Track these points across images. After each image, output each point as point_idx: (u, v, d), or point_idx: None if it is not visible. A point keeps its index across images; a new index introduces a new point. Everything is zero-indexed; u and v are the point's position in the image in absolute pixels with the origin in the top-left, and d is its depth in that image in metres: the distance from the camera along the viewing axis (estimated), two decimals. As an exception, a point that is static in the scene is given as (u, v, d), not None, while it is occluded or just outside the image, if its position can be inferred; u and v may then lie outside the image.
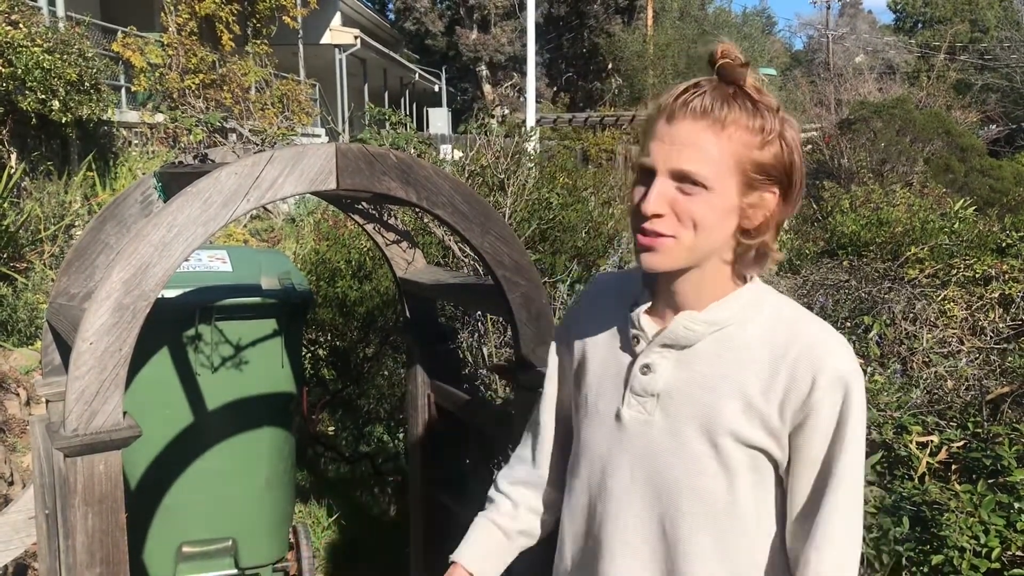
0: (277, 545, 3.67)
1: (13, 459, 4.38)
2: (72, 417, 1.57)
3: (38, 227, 7.36)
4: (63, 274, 2.27)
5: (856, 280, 4.55)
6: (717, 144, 1.21)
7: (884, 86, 25.05)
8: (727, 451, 1.27)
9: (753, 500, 1.30)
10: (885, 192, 8.80)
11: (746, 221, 1.25)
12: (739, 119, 1.21)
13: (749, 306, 1.30)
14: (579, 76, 37.06)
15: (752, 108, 1.22)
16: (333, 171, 1.79)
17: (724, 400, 1.27)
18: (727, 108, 1.21)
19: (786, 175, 1.25)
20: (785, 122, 1.24)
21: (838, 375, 1.24)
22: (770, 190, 1.25)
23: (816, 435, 1.25)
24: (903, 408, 2.66)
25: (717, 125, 1.21)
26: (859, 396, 1.25)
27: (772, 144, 1.23)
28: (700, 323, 1.29)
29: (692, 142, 1.21)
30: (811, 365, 1.24)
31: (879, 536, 2.19)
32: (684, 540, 1.31)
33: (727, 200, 1.22)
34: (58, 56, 8.56)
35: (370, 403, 5.15)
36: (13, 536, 2.50)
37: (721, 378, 1.28)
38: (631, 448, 1.34)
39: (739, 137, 1.21)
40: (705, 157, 1.20)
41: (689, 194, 1.22)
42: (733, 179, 1.22)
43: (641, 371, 1.33)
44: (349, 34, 21.80)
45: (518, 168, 4.67)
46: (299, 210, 11.27)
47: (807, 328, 1.29)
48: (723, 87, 1.23)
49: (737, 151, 1.21)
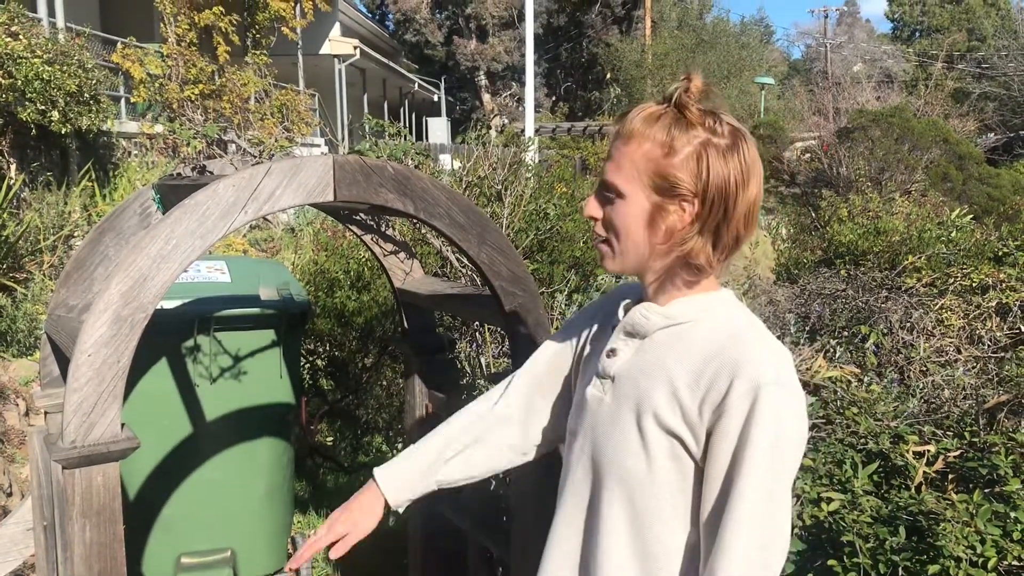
0: (276, 556, 3.67)
1: (12, 470, 4.37)
2: (70, 429, 1.58)
3: (37, 237, 7.37)
4: (62, 285, 2.27)
5: (853, 289, 4.57)
6: (627, 155, 1.35)
7: (882, 95, 25.12)
8: (649, 434, 1.35)
9: (669, 489, 1.35)
10: (884, 201, 8.82)
11: (664, 228, 1.35)
12: (647, 132, 1.33)
13: (707, 310, 1.39)
14: (578, 85, 37.15)
15: (671, 124, 1.32)
16: (330, 183, 1.80)
17: (656, 386, 1.36)
18: (643, 124, 1.34)
19: (700, 186, 1.32)
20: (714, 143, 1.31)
21: (752, 384, 1.27)
22: (685, 200, 1.33)
23: (724, 440, 1.28)
24: (900, 417, 2.67)
25: (629, 139, 1.34)
26: (771, 409, 1.26)
27: (681, 155, 1.31)
28: (656, 313, 1.40)
29: (613, 156, 1.37)
30: (732, 369, 1.29)
31: (875, 546, 2.19)
32: (604, 514, 1.41)
33: (637, 206, 1.35)
34: (58, 67, 8.58)
35: (369, 413, 5.15)
36: (11, 548, 2.50)
37: (659, 366, 1.37)
38: (585, 424, 1.47)
39: (644, 148, 1.33)
40: (616, 167, 1.36)
41: (611, 203, 1.38)
42: (641, 186, 1.34)
43: (607, 355, 1.46)
44: (348, 44, 21.85)
45: (515, 178, 4.68)
46: (298, 220, 11.28)
47: (745, 336, 1.35)
48: (654, 107, 1.36)
49: (639, 161, 1.33)
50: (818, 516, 2.33)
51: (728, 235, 1.35)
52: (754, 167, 1.35)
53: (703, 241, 1.34)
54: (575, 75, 37.33)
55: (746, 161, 1.33)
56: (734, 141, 1.33)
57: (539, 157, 15.56)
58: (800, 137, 20.86)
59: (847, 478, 2.40)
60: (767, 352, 1.32)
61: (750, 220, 1.36)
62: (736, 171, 1.32)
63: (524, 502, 2.14)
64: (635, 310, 1.43)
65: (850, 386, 2.91)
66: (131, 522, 2.51)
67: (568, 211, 5.24)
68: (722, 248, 1.36)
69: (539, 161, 8.56)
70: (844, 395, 2.80)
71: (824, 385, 2.90)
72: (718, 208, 1.32)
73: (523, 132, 14.37)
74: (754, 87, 30.54)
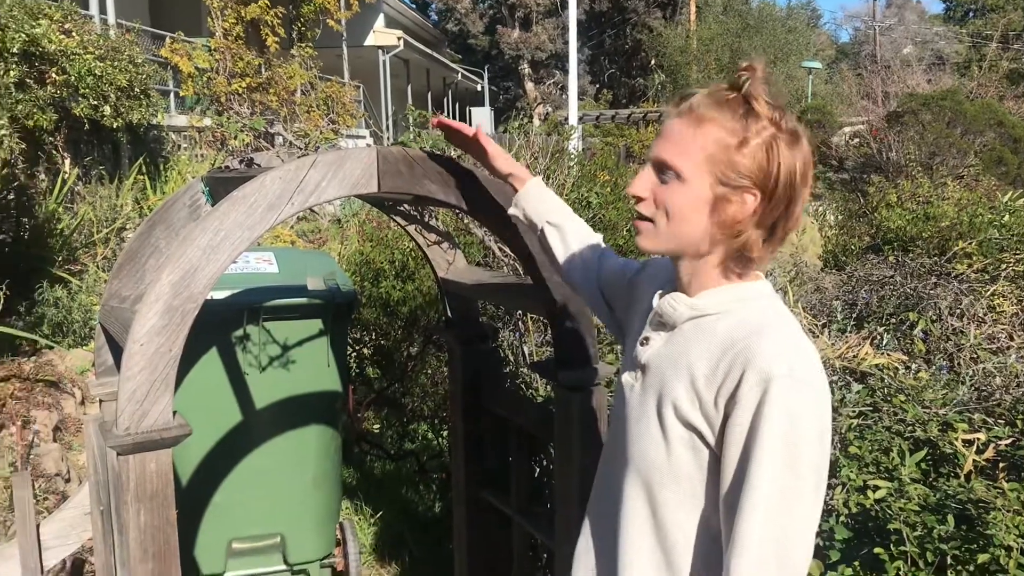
0: (324, 541, 3.73)
1: (69, 457, 4.49)
2: (124, 417, 1.62)
3: (91, 230, 7.53)
4: (115, 277, 2.33)
5: (902, 276, 4.50)
6: (693, 139, 1.31)
7: (933, 77, 24.61)
8: (668, 424, 1.36)
9: (689, 480, 1.35)
10: (934, 186, 8.65)
11: (723, 216, 1.32)
12: (718, 119, 1.30)
13: (736, 302, 1.37)
14: (622, 72, 36.90)
15: (742, 113, 1.30)
16: (374, 175, 1.83)
17: (677, 377, 1.36)
18: (713, 109, 1.31)
19: (765, 179, 1.30)
20: (781, 137, 1.30)
21: (763, 376, 1.24)
22: (749, 191, 1.31)
23: (735, 431, 1.26)
24: (948, 405, 2.63)
25: (696, 122, 1.31)
26: (781, 402, 1.23)
27: (750, 146, 1.29)
28: (683, 305, 1.39)
29: (674, 136, 1.33)
30: (746, 359, 1.27)
31: (923, 534, 2.17)
32: (626, 503, 1.44)
33: (698, 192, 1.32)
34: (109, 63, 8.74)
35: (414, 401, 5.20)
36: (70, 532, 2.57)
37: (683, 357, 1.37)
38: (620, 413, 1.50)
39: (715, 135, 1.30)
40: (679, 149, 1.32)
41: (665, 183, 1.34)
42: (705, 173, 1.31)
43: (640, 343, 1.47)
44: (392, 35, 21.94)
45: (558, 167, 4.68)
46: (344, 211, 11.38)
47: (765, 328, 1.31)
48: (722, 92, 1.32)
49: (710, 148, 1.30)
50: (864, 504, 2.31)
51: (783, 230, 1.34)
52: (809, 162, 1.34)
53: (758, 234, 1.33)
54: (619, 62, 37.09)
55: (806, 156, 1.33)
56: (797, 136, 1.32)
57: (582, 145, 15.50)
58: (848, 122, 20.53)
59: (894, 466, 2.38)
60: (784, 345, 1.28)
61: (800, 215, 1.36)
62: (800, 165, 1.31)
63: (568, 490, 2.16)
64: (664, 300, 1.42)
65: (897, 373, 2.87)
66: (183, 507, 2.57)
67: (611, 199, 5.23)
68: (774, 242, 1.35)
69: (582, 149, 8.54)
70: (891, 383, 2.77)
71: (871, 372, 2.87)
72: (781, 202, 1.31)
73: (566, 120, 14.33)
74: (801, 72, 30.10)
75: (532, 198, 1.81)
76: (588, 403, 2.10)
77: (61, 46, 8.16)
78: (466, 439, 2.75)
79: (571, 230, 1.80)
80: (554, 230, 1.79)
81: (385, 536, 4.20)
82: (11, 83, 7.25)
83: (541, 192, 1.82)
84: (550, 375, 2.22)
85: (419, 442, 5.22)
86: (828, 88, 31.75)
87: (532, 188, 1.82)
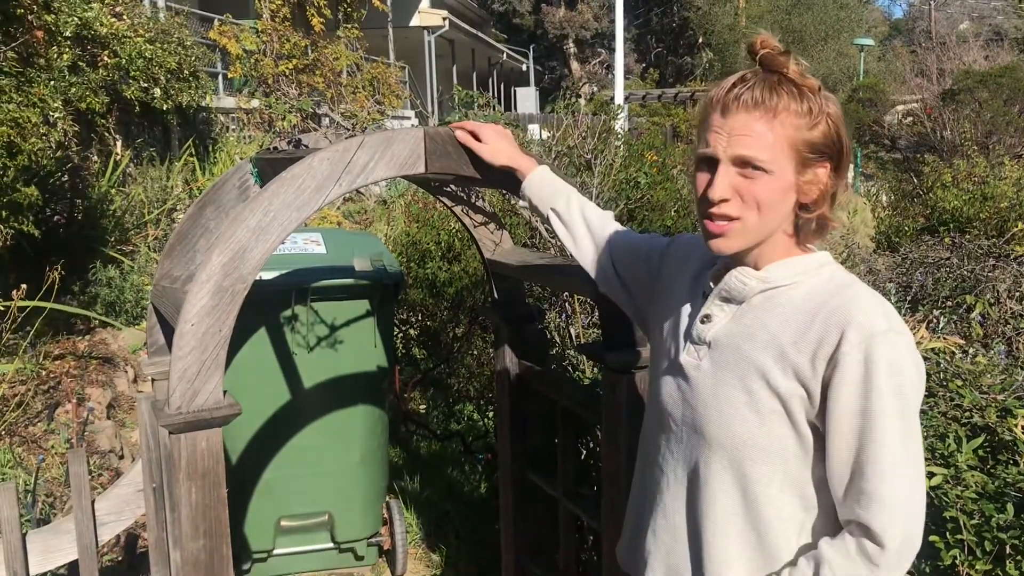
0: (371, 520, 3.77)
1: (123, 434, 4.58)
2: (175, 396, 1.64)
3: (143, 211, 7.66)
4: (166, 257, 2.35)
5: (958, 258, 4.39)
6: (771, 131, 1.33)
7: (991, 54, 23.98)
8: (760, 398, 1.35)
9: (782, 454, 1.35)
10: (991, 165, 8.44)
11: (803, 196, 1.36)
12: (788, 105, 1.33)
13: (805, 272, 1.39)
14: (668, 51, 36.51)
15: (797, 93, 1.34)
16: (422, 155, 1.82)
17: (762, 349, 1.36)
18: (776, 97, 1.33)
19: (835, 149, 1.36)
20: (828, 100, 1.36)
21: (866, 334, 1.27)
22: (822, 165, 1.36)
23: (843, 391, 1.29)
24: (1008, 391, 2.56)
25: (769, 114, 1.32)
26: (890, 356, 1.27)
27: (820, 123, 1.34)
28: (753, 278, 1.40)
29: (749, 131, 1.33)
30: (842, 319, 1.29)
31: (981, 523, 2.12)
32: (711, 483, 1.41)
33: (785, 180, 1.34)
34: (159, 45, 8.85)
35: (460, 382, 5.22)
36: (124, 508, 2.62)
37: (762, 329, 1.37)
38: (684, 391, 1.46)
39: (790, 122, 1.33)
40: (762, 143, 1.33)
41: (751, 178, 1.34)
42: (789, 160, 1.34)
43: (701, 320, 1.46)
44: (437, 16, 21.93)
45: (605, 147, 4.64)
46: (390, 192, 11.43)
47: (850, 290, 1.35)
48: (768, 77, 1.35)
49: (790, 135, 1.33)
50: (919, 491, 2.27)
51: (841, 192, 1.39)
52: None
53: (827, 203, 1.38)
54: (665, 40, 36.68)
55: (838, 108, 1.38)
56: (835, 101, 1.37)
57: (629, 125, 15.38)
58: (901, 100, 20.11)
59: (950, 452, 2.32)
60: (874, 302, 1.32)
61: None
62: (843, 120, 1.37)
63: (615, 472, 2.14)
64: (731, 275, 1.42)
65: (954, 358, 2.81)
66: (233, 485, 2.60)
67: (659, 179, 5.18)
68: (835, 208, 1.40)
69: (629, 129, 8.47)
70: (947, 367, 2.70)
71: (927, 357, 2.81)
72: (845, 167, 1.38)
73: (612, 100, 14.21)
74: (852, 49, 29.51)
75: (535, 186, 1.83)
76: (635, 385, 2.08)
77: (112, 29, 8.28)
78: (512, 420, 2.75)
79: (576, 215, 1.80)
80: (556, 217, 1.81)
81: (431, 515, 4.22)
82: (64, 66, 7.36)
83: (544, 179, 1.83)
84: (597, 357, 2.20)
85: (465, 423, 5.23)
86: (881, 66, 31.10)
87: (536, 176, 1.83)
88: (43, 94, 4.82)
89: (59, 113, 5.47)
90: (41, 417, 4.28)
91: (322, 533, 3.70)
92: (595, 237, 1.78)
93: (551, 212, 1.81)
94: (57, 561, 2.58)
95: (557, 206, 1.80)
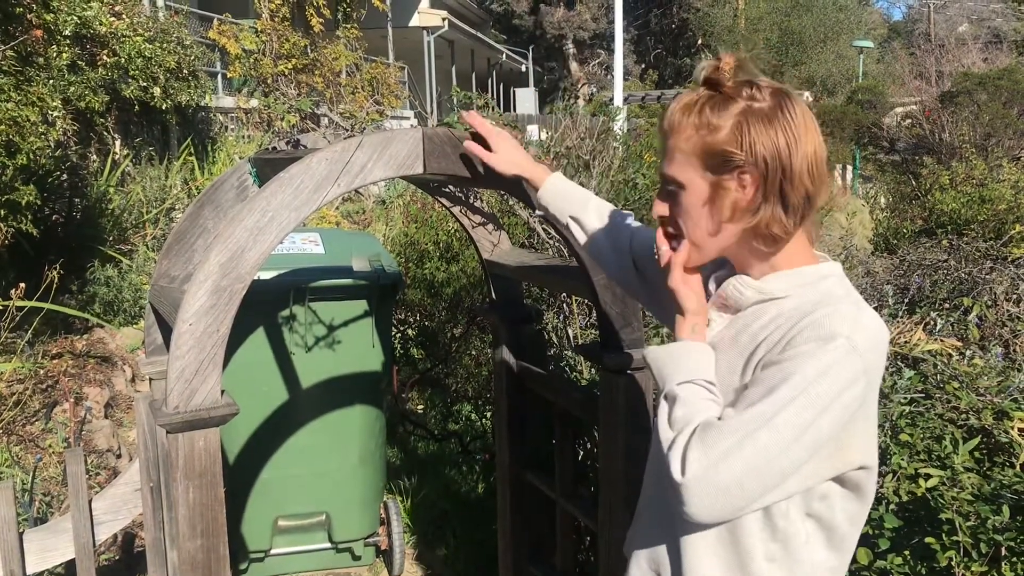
0: (369, 520, 3.77)
1: (120, 433, 4.58)
2: (173, 395, 1.64)
3: (141, 211, 7.66)
4: (164, 257, 2.36)
5: (956, 260, 4.39)
6: (676, 146, 1.37)
7: (990, 56, 24.01)
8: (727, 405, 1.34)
9: None
10: (989, 168, 8.45)
11: (729, 206, 1.35)
12: (691, 120, 1.35)
13: (802, 284, 1.38)
14: (668, 52, 36.53)
15: (707, 106, 1.34)
16: (420, 155, 1.82)
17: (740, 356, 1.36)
18: (682, 114, 1.36)
19: (755, 156, 1.31)
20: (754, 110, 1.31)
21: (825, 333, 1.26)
22: (741, 173, 1.33)
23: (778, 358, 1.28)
24: (1004, 393, 2.56)
25: (673, 130, 1.37)
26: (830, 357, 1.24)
27: (724, 132, 1.32)
28: (750, 288, 1.40)
29: (665, 152, 1.40)
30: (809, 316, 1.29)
31: (976, 525, 2.12)
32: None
33: (698, 191, 1.36)
34: (158, 45, 8.85)
35: (458, 382, 5.22)
36: (121, 507, 2.62)
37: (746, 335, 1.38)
38: None
39: (688, 134, 1.35)
40: (671, 160, 1.38)
41: (675, 196, 1.40)
42: (695, 171, 1.36)
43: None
44: (437, 16, 21.93)
45: (604, 148, 4.64)
46: (389, 192, 11.43)
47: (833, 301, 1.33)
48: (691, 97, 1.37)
49: (687, 146, 1.35)
50: (915, 492, 2.27)
51: (795, 195, 1.32)
52: (804, 122, 1.33)
53: (770, 207, 1.33)
54: (665, 42, 36.70)
55: (793, 118, 1.32)
56: (776, 102, 1.33)
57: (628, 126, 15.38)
58: (900, 102, 20.13)
59: (946, 454, 2.32)
60: (852, 318, 1.29)
61: (816, 175, 1.34)
62: (784, 130, 1.31)
63: (612, 473, 2.15)
64: (730, 283, 1.42)
65: (951, 360, 2.81)
66: (231, 485, 2.61)
67: (657, 180, 5.18)
68: (793, 210, 1.33)
69: (628, 130, 8.48)
70: (944, 369, 2.71)
71: (923, 358, 2.81)
72: (775, 170, 1.31)
73: (611, 101, 14.21)
74: (852, 51, 29.55)
75: (550, 195, 1.81)
76: (633, 386, 2.08)
77: (112, 28, 8.28)
78: (509, 421, 2.75)
79: (594, 218, 1.79)
80: (576, 225, 1.80)
81: (428, 516, 4.22)
82: (64, 65, 7.36)
83: (558, 188, 1.81)
84: (595, 358, 2.20)
85: (462, 423, 5.24)
86: (880, 68, 31.12)
87: (550, 185, 1.81)
88: (42, 93, 4.82)
89: (58, 112, 5.47)
90: (39, 416, 4.28)
91: (319, 533, 3.70)
92: (615, 240, 1.77)
93: (570, 220, 1.80)
94: (54, 560, 2.58)
95: (575, 213, 1.79)
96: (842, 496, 1.38)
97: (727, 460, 1.21)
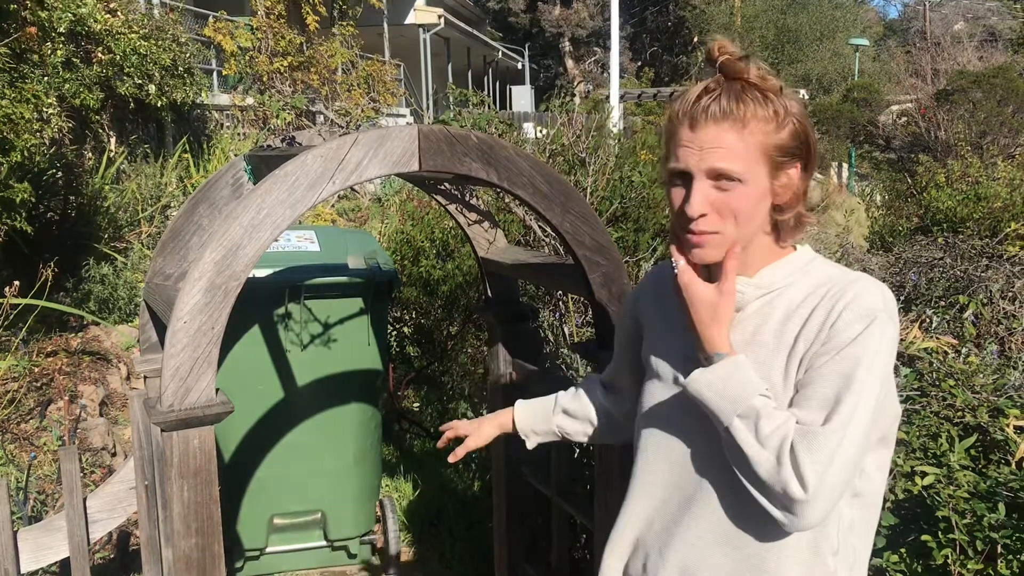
0: (364, 518, 3.76)
1: (115, 431, 4.57)
2: (168, 393, 1.64)
3: (136, 208, 7.64)
4: (159, 254, 2.35)
5: (951, 258, 4.40)
6: (742, 140, 1.32)
7: (985, 54, 24.03)
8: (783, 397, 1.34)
9: None
10: (985, 165, 8.46)
11: (778, 199, 1.37)
12: (756, 112, 1.32)
13: (797, 271, 1.40)
14: (664, 50, 36.53)
15: (762, 97, 1.33)
16: (416, 153, 1.81)
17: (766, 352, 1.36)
18: (743, 105, 1.32)
19: (803, 148, 1.36)
20: (791, 99, 1.36)
21: (865, 311, 1.29)
22: (793, 166, 1.36)
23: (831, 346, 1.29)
24: (1000, 390, 2.57)
25: (738, 124, 1.32)
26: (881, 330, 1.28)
27: (787, 125, 1.34)
28: (749, 286, 1.40)
29: (720, 143, 1.32)
30: (843, 301, 1.31)
31: (972, 522, 2.12)
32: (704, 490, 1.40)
33: (759, 187, 1.34)
34: (153, 42, 8.83)
35: (454, 380, 5.21)
36: (116, 505, 2.61)
37: (769, 334, 1.38)
38: (686, 406, 1.40)
39: (759, 128, 1.32)
40: (734, 154, 1.32)
41: (726, 190, 1.33)
42: (762, 167, 1.34)
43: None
44: (433, 13, 21.90)
45: (599, 146, 4.64)
46: (385, 190, 11.41)
47: (847, 275, 1.37)
48: (731, 84, 1.34)
49: (760, 142, 1.33)
50: (912, 490, 2.27)
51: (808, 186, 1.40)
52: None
53: (800, 199, 1.38)
54: (661, 39, 36.70)
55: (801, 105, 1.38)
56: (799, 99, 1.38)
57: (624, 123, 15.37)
58: (896, 100, 20.14)
59: (942, 452, 2.33)
60: (872, 283, 1.34)
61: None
62: (807, 115, 1.37)
63: (608, 471, 2.14)
64: None
65: (947, 357, 2.81)
66: (226, 483, 2.60)
67: (654, 177, 5.18)
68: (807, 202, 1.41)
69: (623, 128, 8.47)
70: (940, 367, 2.71)
71: (919, 356, 2.81)
72: (814, 163, 1.38)
73: (607, 98, 14.21)
74: (848, 49, 29.57)
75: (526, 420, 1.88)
76: (629, 385, 2.08)
77: (106, 25, 8.25)
78: (506, 419, 2.75)
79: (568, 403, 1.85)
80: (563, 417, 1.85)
81: (424, 514, 4.22)
82: (58, 62, 7.34)
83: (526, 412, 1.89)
84: (591, 356, 2.20)
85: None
86: (875, 66, 31.14)
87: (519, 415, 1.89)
88: (36, 90, 4.81)
89: (53, 109, 5.46)
90: (33, 414, 4.27)
91: (315, 531, 3.69)
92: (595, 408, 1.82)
93: (556, 427, 1.85)
94: (48, 559, 2.57)
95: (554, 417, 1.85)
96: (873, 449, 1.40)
97: (834, 463, 1.23)
